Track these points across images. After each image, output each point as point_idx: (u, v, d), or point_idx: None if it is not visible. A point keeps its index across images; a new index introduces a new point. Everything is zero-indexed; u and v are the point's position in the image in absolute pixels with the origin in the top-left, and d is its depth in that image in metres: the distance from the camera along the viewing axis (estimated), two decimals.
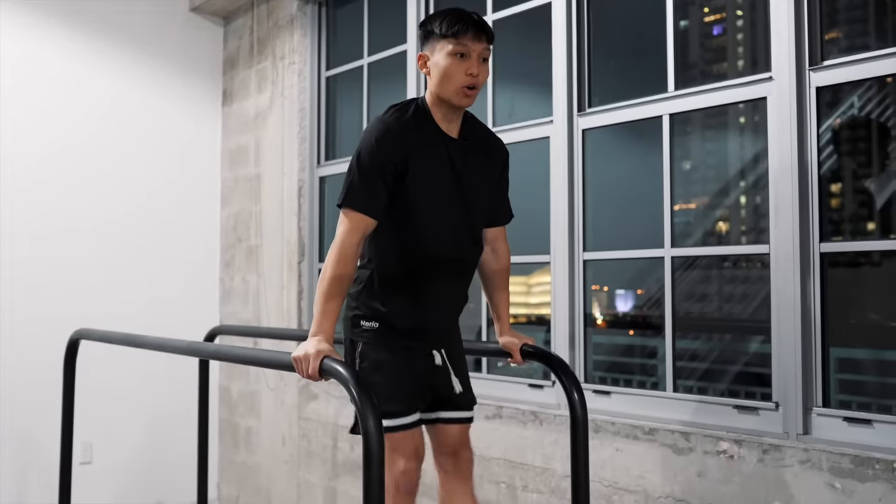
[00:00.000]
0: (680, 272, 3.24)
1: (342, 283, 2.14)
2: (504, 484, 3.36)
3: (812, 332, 2.55)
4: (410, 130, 2.20)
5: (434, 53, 2.21)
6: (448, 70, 2.17)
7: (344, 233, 2.15)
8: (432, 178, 2.23)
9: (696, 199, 3.14)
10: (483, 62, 2.20)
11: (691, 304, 3.53)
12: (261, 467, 4.87)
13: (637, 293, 3.78)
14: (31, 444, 4.56)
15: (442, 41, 2.18)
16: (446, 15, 2.20)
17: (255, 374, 4.88)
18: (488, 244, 2.46)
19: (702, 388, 3.35)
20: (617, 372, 3.61)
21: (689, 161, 3.12)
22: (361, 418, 1.83)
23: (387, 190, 2.18)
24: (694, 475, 2.74)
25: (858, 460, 2.35)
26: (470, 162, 2.31)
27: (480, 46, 2.19)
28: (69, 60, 4.80)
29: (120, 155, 4.95)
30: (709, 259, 3.03)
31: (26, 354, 4.53)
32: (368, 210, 2.16)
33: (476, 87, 2.20)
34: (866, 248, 2.67)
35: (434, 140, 2.25)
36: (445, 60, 2.18)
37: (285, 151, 4.76)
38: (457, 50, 2.17)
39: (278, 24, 4.86)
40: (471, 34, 2.17)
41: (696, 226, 3.16)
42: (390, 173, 2.17)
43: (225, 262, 5.28)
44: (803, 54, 2.60)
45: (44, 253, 4.65)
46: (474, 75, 2.18)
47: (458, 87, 2.18)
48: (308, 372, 2.02)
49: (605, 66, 3.32)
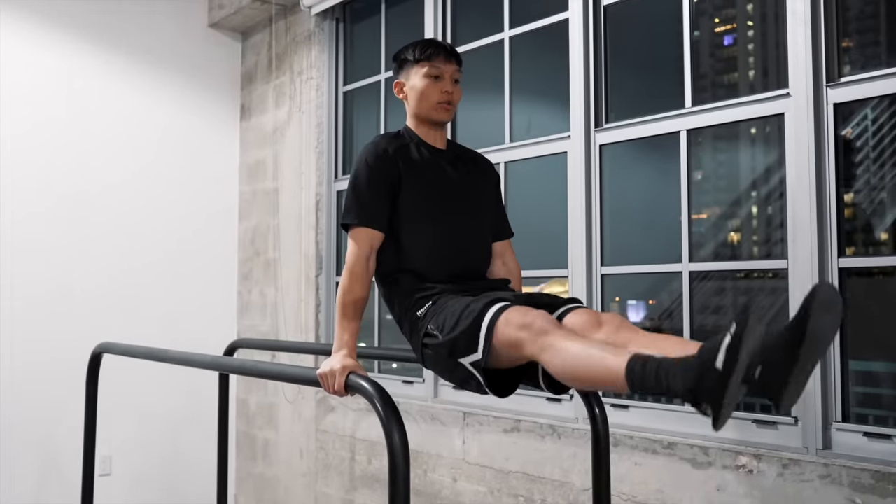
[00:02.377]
0: (695, 283, 3.26)
1: (357, 305, 2.18)
2: (523, 497, 3.38)
3: (831, 347, 2.56)
4: (399, 147, 2.33)
5: (410, 78, 2.37)
6: (425, 90, 2.33)
7: (353, 252, 2.21)
8: (428, 182, 2.33)
9: (707, 209, 3.15)
10: (455, 83, 2.37)
11: (705, 316, 3.53)
12: (279, 480, 4.89)
13: (649, 303, 3.79)
14: (52, 457, 4.60)
15: (416, 66, 2.35)
16: (418, 43, 2.38)
17: (272, 387, 4.92)
18: (498, 257, 2.52)
19: None
20: None
21: (701, 171, 3.13)
22: (387, 433, 1.85)
23: (387, 203, 2.26)
24: (713, 490, 2.75)
25: (879, 475, 2.36)
26: (460, 168, 2.42)
27: (452, 68, 2.35)
28: (91, 76, 4.86)
29: (140, 169, 5.01)
30: (722, 271, 3.05)
31: (48, 368, 4.58)
32: (372, 222, 2.23)
33: (452, 103, 2.35)
34: (884, 264, 2.67)
35: (423, 152, 2.37)
36: (421, 82, 2.34)
37: (303, 166, 4.81)
38: (431, 72, 2.33)
39: (296, 40, 4.91)
40: (442, 56, 2.34)
41: (709, 237, 3.17)
42: (387, 188, 2.26)
43: (243, 275, 5.32)
44: (820, 71, 2.62)
45: (65, 266, 4.71)
46: (449, 93, 2.34)
47: (434, 104, 2.34)
48: (334, 388, 2.04)
49: (622, 81, 3.34)
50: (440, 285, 2.22)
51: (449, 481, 3.74)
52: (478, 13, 3.97)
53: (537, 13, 3.58)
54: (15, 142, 4.59)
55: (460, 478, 3.67)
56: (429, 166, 2.35)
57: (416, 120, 2.40)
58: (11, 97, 4.59)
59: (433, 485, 3.79)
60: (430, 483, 3.81)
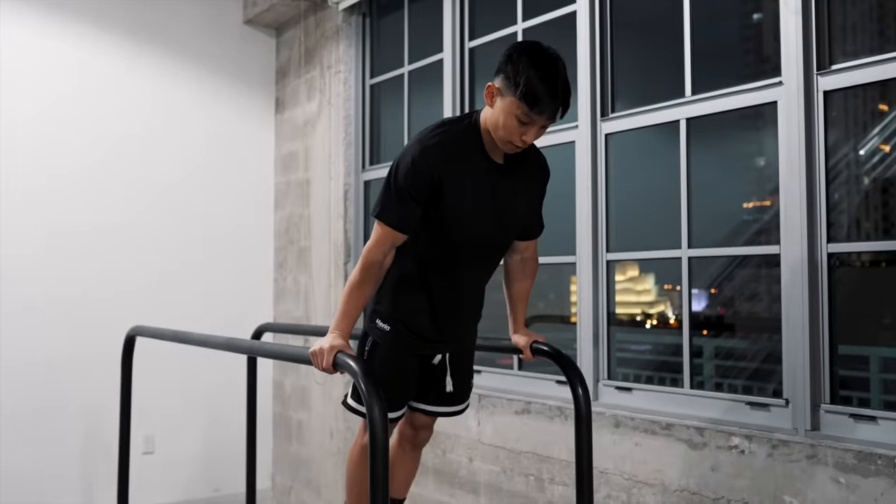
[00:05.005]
0: (731, 269, 3.32)
1: (364, 289, 2.27)
2: (532, 476, 3.49)
3: (820, 330, 2.61)
4: (449, 149, 2.20)
5: (504, 98, 2.13)
6: (507, 126, 2.13)
7: (374, 243, 2.25)
8: (469, 196, 2.24)
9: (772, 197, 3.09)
10: (540, 129, 2.16)
11: (741, 302, 3.55)
12: (312, 459, 5.09)
13: (711, 292, 3.78)
14: (97, 435, 4.87)
15: (515, 100, 2.09)
16: (531, 78, 2.07)
17: (305, 370, 5.11)
18: (518, 254, 2.51)
19: (733, 385, 3.41)
20: (643, 369, 3.70)
21: (764, 157, 3.09)
22: (368, 409, 1.99)
23: (420, 208, 2.21)
24: (708, 469, 2.83)
25: (862, 456, 2.41)
26: (511, 182, 2.31)
27: (547, 123, 2.15)
28: (135, 75, 5.11)
29: (181, 161, 5.25)
30: (758, 259, 3.06)
31: (94, 350, 4.85)
32: (400, 227, 2.22)
33: (524, 146, 2.19)
34: (872, 249, 2.71)
35: (476, 158, 2.25)
36: (508, 118, 2.12)
37: (332, 157, 4.98)
38: (524, 118, 2.11)
39: (325, 35, 5.07)
40: (546, 114, 2.11)
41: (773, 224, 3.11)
42: (424, 192, 2.19)
43: (278, 262, 5.53)
44: (811, 59, 2.66)
45: (111, 254, 4.98)
46: (526, 141, 2.16)
47: (506, 141, 2.17)
48: (323, 365, 2.19)
49: (627, 71, 3.41)
50: (410, 322, 2.37)
51: (466, 461, 3.87)
52: (494, 5, 4.06)
53: (550, 2, 3.66)
54: (66, 137, 4.86)
55: (476, 458, 3.80)
56: (474, 179, 2.23)
57: (487, 128, 2.22)
58: (60, 96, 4.86)
59: (451, 464, 3.92)
60: (449, 463, 3.94)
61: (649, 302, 4.32)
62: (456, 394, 2.54)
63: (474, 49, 4.11)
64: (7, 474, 4.60)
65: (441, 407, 2.55)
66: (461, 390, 2.55)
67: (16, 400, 4.66)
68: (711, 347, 3.52)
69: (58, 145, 4.85)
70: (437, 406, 2.55)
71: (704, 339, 3.45)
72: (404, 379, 2.43)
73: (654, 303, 4.24)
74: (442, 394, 2.52)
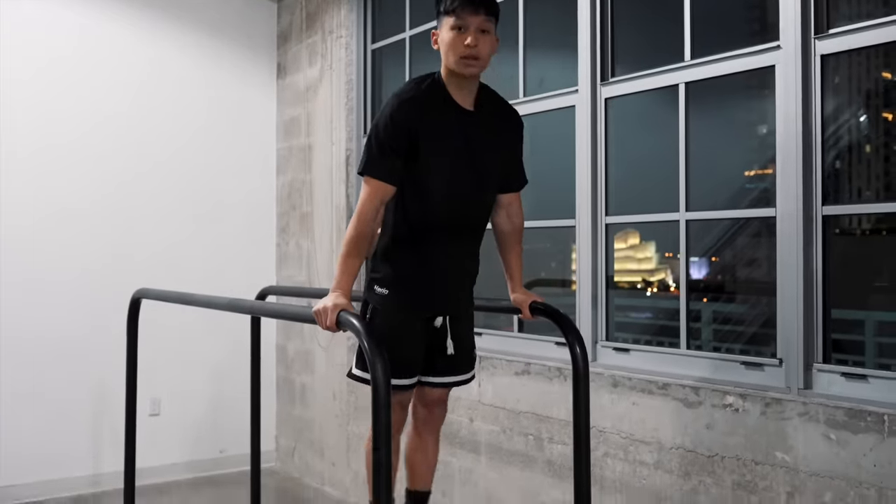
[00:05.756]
0: (730, 235, 3.35)
1: (360, 242, 2.34)
2: (532, 436, 3.56)
3: (814, 289, 2.66)
4: (423, 104, 2.35)
5: (441, 29, 2.37)
6: (450, 42, 2.33)
7: (365, 198, 2.35)
8: (444, 148, 2.37)
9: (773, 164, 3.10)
10: (483, 33, 2.32)
11: (740, 267, 3.59)
12: (315, 421, 5.18)
13: (712, 260, 3.81)
14: (104, 397, 4.95)
15: (445, 17, 2.34)
16: None
17: (308, 334, 5.18)
18: (503, 208, 2.59)
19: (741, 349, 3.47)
20: (643, 333, 3.75)
21: (766, 125, 3.11)
22: (371, 368, 2.03)
23: (401, 159, 2.33)
24: (703, 427, 2.89)
25: (852, 413, 2.47)
26: (483, 132, 2.43)
27: (478, 19, 2.31)
28: (135, 39, 5.12)
29: (184, 127, 5.27)
30: (758, 224, 3.10)
31: (100, 313, 4.92)
32: (386, 177, 2.34)
33: (478, 56, 2.32)
34: (867, 212, 2.75)
35: (447, 111, 2.38)
36: (448, 34, 2.33)
37: (334, 122, 5.00)
38: (456, 24, 2.31)
39: (326, 0, 5.06)
40: (469, 9, 2.30)
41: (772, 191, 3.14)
42: (404, 144, 2.32)
43: (281, 227, 5.57)
44: (809, 23, 2.68)
45: (112, 221, 5.02)
46: (471, 46, 2.30)
47: (458, 58, 2.32)
48: (326, 323, 2.24)
49: (628, 37, 3.43)
50: (408, 284, 2.44)
51: (466, 422, 3.94)
52: None
53: None
54: (66, 104, 4.88)
55: (476, 418, 3.88)
56: (448, 131, 2.38)
57: (447, 71, 2.38)
58: (59, 59, 4.87)
59: (452, 425, 4.00)
60: (449, 423, 4.01)
61: (650, 269, 4.36)
62: (459, 359, 2.57)
63: None
64: (14, 439, 4.69)
65: (449, 377, 2.58)
66: (463, 356, 2.59)
67: (21, 367, 4.73)
68: (710, 312, 3.57)
69: (58, 112, 4.87)
70: (445, 376, 2.58)
71: (703, 305, 3.50)
72: (407, 341, 2.47)
73: (655, 270, 4.28)
74: (448, 363, 2.54)
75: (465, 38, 2.30)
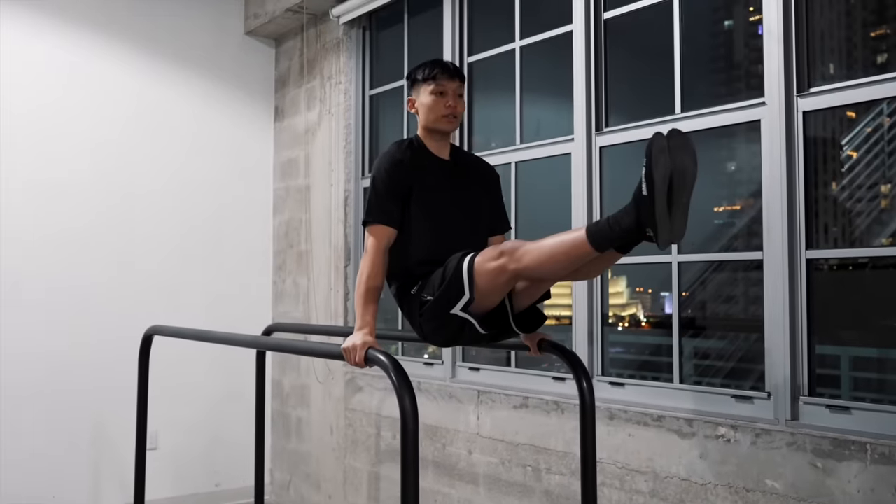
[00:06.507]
0: (711, 273, 3.56)
1: (374, 292, 2.58)
2: (530, 467, 3.72)
3: (799, 328, 2.87)
4: (410, 158, 2.70)
5: (420, 96, 2.74)
6: (431, 105, 2.71)
7: (371, 245, 2.62)
8: (433, 192, 2.69)
9: (742, 200, 3.40)
10: (459, 97, 2.72)
11: (717, 304, 3.79)
12: (311, 454, 5.29)
13: (682, 295, 4.01)
14: (105, 432, 5.03)
15: (424, 84, 2.72)
16: (426, 64, 2.74)
17: (304, 369, 5.31)
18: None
19: (722, 383, 3.66)
20: (636, 368, 3.94)
21: (735, 162, 3.41)
22: (399, 398, 2.19)
23: (399, 206, 2.64)
24: (696, 457, 3.08)
25: (837, 442, 2.67)
26: (462, 176, 2.79)
27: (454, 85, 2.71)
28: (140, 83, 5.28)
29: (184, 167, 5.43)
30: (735, 263, 3.34)
31: (101, 347, 5.01)
32: (388, 220, 2.63)
33: (456, 115, 2.71)
34: (849, 255, 2.97)
35: (430, 163, 2.74)
36: (428, 98, 2.71)
37: (332, 164, 5.18)
38: (437, 89, 2.70)
39: (326, 47, 5.28)
40: (447, 76, 2.70)
41: (741, 227, 3.43)
42: (400, 192, 2.64)
43: (277, 265, 5.72)
44: (792, 82, 2.92)
45: (112, 259, 5.14)
46: (452, 106, 2.70)
47: (439, 116, 2.70)
48: (355, 360, 2.41)
49: (621, 89, 3.66)
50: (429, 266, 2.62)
51: (465, 454, 4.09)
52: (492, 22, 4.29)
53: (548, 21, 3.89)
54: (66, 143, 5.02)
55: (475, 450, 4.03)
56: (434, 175, 2.72)
57: (425, 131, 2.76)
58: (68, 104, 5.02)
59: (451, 457, 4.15)
60: (448, 456, 4.17)
61: (621, 304, 4.54)
62: None
63: (473, 64, 4.34)
64: (14, 470, 4.75)
65: None
66: None
67: (19, 398, 4.81)
68: (690, 348, 3.77)
69: (57, 152, 4.98)
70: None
71: (684, 340, 3.70)
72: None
73: (626, 305, 4.47)
74: None
75: (446, 101, 2.70)
